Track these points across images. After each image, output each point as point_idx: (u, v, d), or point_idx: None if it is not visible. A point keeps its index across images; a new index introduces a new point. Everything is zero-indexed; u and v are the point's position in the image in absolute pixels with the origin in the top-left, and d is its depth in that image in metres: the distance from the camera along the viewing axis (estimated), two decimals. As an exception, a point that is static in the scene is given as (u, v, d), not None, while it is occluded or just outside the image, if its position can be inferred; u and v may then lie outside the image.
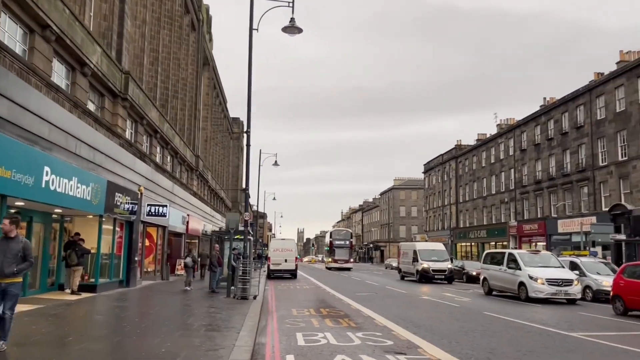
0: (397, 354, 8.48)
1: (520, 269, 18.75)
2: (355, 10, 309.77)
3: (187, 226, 31.52)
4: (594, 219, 33.23)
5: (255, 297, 17.03)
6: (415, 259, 32.40)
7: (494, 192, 55.14)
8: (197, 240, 38.75)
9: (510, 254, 20.19)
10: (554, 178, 43.28)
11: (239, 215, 18.80)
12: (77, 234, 16.34)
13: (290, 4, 16.79)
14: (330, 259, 53.97)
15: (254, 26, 17.59)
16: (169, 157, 30.59)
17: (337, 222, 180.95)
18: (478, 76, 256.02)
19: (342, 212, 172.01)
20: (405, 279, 34.53)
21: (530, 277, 18.07)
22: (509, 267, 19.49)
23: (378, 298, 19.53)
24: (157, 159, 26.87)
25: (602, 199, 36.93)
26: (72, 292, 15.75)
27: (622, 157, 35.23)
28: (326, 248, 63.61)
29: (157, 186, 24.44)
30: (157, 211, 20.93)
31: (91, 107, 18.30)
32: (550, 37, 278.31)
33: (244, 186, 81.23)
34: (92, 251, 16.96)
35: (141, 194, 20.52)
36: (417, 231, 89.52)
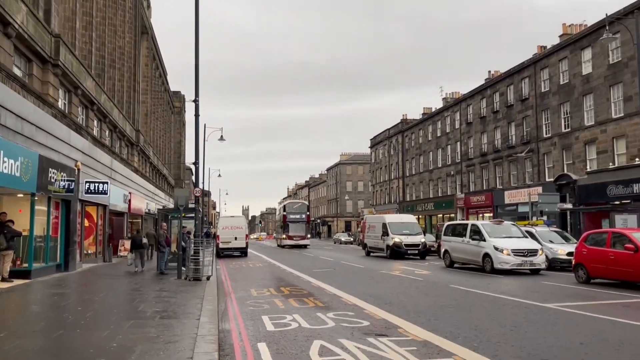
0: (379, 336, 7.75)
1: (484, 240, 18.46)
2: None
3: (130, 205, 29.70)
4: (539, 189, 33.93)
5: (208, 278, 15.97)
6: (385, 233, 29.69)
7: (440, 165, 55.75)
8: (140, 220, 36.84)
9: (473, 225, 19.87)
10: (499, 150, 44.03)
11: (189, 191, 17.51)
12: (4, 213, 14.55)
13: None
14: (284, 236, 48.26)
15: (201, -16, 16.11)
16: (107, 131, 28.50)
17: (284, 198, 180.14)
18: (421, 52, 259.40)
19: (288, 189, 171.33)
20: (372, 254, 32.10)
21: (496, 248, 17.80)
22: (473, 239, 19.14)
23: (337, 274, 18.90)
24: (95, 133, 24.87)
25: (546, 170, 37.86)
26: (2, 279, 14.09)
27: (565, 128, 36.06)
28: (278, 224, 58.51)
29: (96, 162, 22.60)
30: (96, 188, 19.23)
31: (17, 73, 16.32)
32: (490, 16, 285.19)
33: (187, 162, 77.77)
34: (24, 233, 15.26)
35: (78, 170, 18.78)
36: (364, 205, 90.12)
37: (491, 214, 41.26)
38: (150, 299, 11.57)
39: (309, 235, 49.13)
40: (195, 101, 16.34)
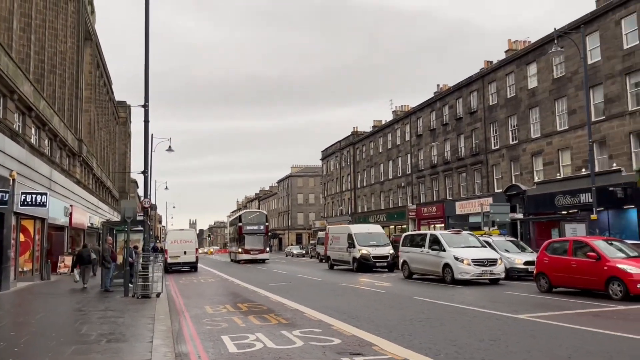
0: (354, 355, 7.15)
1: (444, 250, 18.20)
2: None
3: (71, 218, 27.90)
4: (490, 199, 34.52)
5: (158, 295, 14.91)
6: (351, 245, 27.62)
7: (391, 177, 56.09)
8: (82, 235, 34.80)
9: (432, 235, 19.62)
10: (449, 162, 44.67)
11: (136, 203, 16.39)
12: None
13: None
14: (239, 250, 43.17)
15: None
16: (46, 140, 26.74)
17: (232, 212, 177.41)
18: (370, 68, 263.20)
19: (237, 202, 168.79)
20: (336, 267, 30.11)
21: (456, 258, 17.53)
22: (432, 249, 18.86)
23: (295, 288, 18.17)
24: (33, 141, 23.20)
25: (495, 181, 38.62)
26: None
27: (512, 140, 36.93)
28: (232, 236, 52.43)
29: (34, 172, 20.99)
30: (34, 200, 17.73)
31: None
32: (435, 35, 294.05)
33: (132, 174, 74.54)
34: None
35: (13, 180, 17.28)
36: (315, 218, 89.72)
37: (443, 225, 41.67)
38: (95, 319, 10.51)
39: (267, 249, 44.45)
40: (145, 106, 15.33)
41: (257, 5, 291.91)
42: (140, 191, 76.32)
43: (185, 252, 31.50)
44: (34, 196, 17.81)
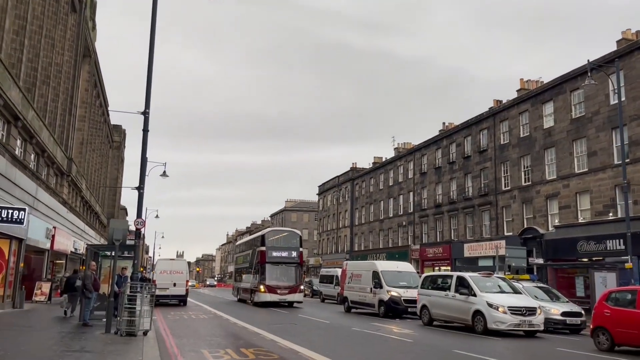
0: None
1: (474, 295, 15.92)
2: (252, 37, 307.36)
3: (53, 241, 25.54)
4: (502, 242, 32.50)
5: (145, 333, 12.65)
6: (377, 285, 23.45)
7: (391, 215, 54.11)
8: (64, 260, 32.30)
9: (459, 277, 17.31)
10: (455, 202, 42.86)
11: (127, 224, 14.27)
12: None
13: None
14: (259, 286, 28.79)
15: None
16: (33, 155, 24.67)
17: (222, 245, 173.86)
18: (368, 110, 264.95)
19: (227, 234, 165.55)
20: (354, 311, 25.81)
21: (490, 305, 15.24)
22: (460, 293, 16.63)
23: (303, 330, 15.90)
24: (17, 153, 21.13)
25: (505, 223, 36.74)
26: None
27: (525, 181, 35.28)
28: (239, 265, 37.91)
29: (14, 185, 18.83)
30: (9, 216, 15.53)
31: None
32: (431, 82, 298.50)
33: (122, 204, 72.17)
34: None
35: (-12, 191, 15.15)
36: (309, 254, 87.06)
37: (449, 267, 39.49)
38: (66, 365, 8.28)
39: (302, 287, 30.45)
40: (145, 113, 13.42)
41: (257, 45, 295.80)
42: (130, 219, 73.61)
43: (174, 284, 29.00)
44: (10, 212, 15.62)
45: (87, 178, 42.39)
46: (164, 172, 33.66)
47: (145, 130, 13.50)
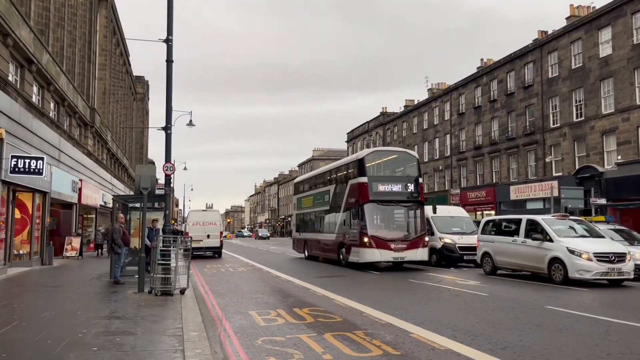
0: None
1: (551, 241, 13.89)
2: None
3: (80, 194, 24.37)
4: (554, 183, 30.21)
5: (183, 292, 11.20)
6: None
7: (427, 159, 51.76)
8: (94, 215, 31.38)
9: (531, 220, 15.23)
10: (496, 142, 40.30)
11: (154, 169, 12.62)
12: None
13: None
14: (364, 238, 18.80)
15: None
16: (52, 104, 23.12)
17: (250, 196, 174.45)
18: (400, 56, 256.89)
19: (255, 186, 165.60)
20: None
21: (571, 252, 13.26)
22: (533, 239, 14.69)
23: (355, 284, 14.33)
24: (35, 100, 19.55)
25: (553, 163, 34.25)
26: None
27: (577, 117, 32.52)
28: (306, 209, 27.18)
29: (32, 134, 17.34)
30: (27, 166, 14.03)
31: None
32: (459, 23, 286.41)
33: (149, 157, 71.34)
34: None
35: (1, 139, 13.61)
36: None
37: (493, 212, 37.45)
38: (90, 338, 6.75)
39: (426, 238, 19.68)
40: (168, 41, 11.47)
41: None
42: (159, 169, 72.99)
43: (208, 236, 27.84)
44: (26, 161, 14.09)
45: (112, 130, 41.08)
46: (190, 121, 32.00)
47: (169, 61, 11.58)
